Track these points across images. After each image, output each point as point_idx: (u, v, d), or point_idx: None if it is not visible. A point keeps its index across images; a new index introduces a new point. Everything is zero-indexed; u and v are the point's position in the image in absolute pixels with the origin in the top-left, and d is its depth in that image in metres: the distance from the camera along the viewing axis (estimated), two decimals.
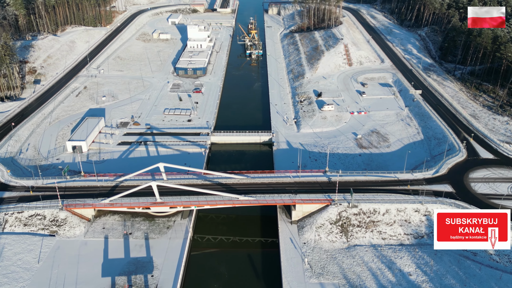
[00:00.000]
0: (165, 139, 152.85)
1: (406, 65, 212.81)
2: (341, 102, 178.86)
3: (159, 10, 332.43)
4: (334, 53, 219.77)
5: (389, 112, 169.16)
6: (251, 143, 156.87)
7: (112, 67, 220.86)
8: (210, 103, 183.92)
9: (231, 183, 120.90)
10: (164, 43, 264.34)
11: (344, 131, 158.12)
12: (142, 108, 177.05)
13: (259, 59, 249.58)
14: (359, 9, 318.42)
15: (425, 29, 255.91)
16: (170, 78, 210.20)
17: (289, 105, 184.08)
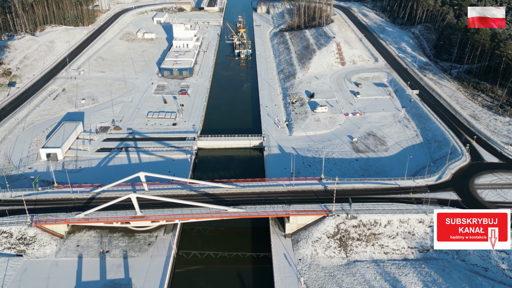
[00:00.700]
0: (148, 144, 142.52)
1: (400, 64, 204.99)
2: (335, 103, 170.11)
3: (144, 9, 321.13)
4: (326, 52, 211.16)
5: (386, 113, 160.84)
6: (240, 148, 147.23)
7: (93, 68, 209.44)
8: (196, 105, 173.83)
9: (219, 193, 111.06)
10: (149, 43, 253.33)
11: (339, 134, 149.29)
12: (124, 112, 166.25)
13: (248, 58, 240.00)
14: (350, 7, 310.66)
15: (419, 27, 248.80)
16: (155, 79, 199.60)
17: (280, 107, 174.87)
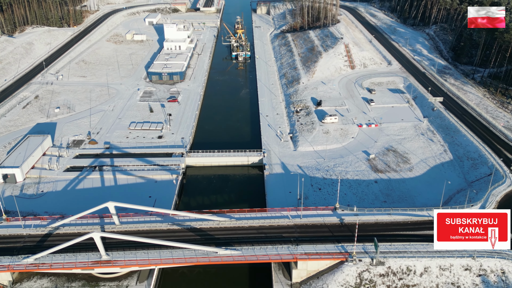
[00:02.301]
0: (127, 162, 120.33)
1: (417, 68, 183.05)
2: (346, 112, 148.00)
3: (136, 9, 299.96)
4: (333, 54, 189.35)
5: (405, 124, 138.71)
6: (236, 166, 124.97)
7: (73, 73, 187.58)
8: (187, 114, 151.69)
9: (208, 228, 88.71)
10: (138, 45, 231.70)
11: (353, 149, 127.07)
12: (103, 122, 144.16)
13: (246, 61, 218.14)
14: (356, 7, 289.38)
15: (433, 28, 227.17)
16: (142, 84, 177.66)
17: (283, 116, 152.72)
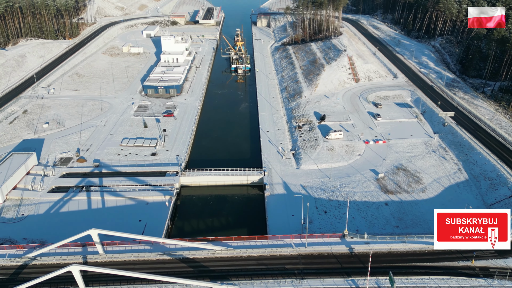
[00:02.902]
0: (117, 182, 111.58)
1: (424, 81, 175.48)
2: (351, 128, 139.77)
3: (134, 22, 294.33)
4: (336, 66, 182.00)
5: (415, 140, 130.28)
6: (235, 185, 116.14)
7: (66, 86, 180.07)
8: (183, 130, 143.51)
9: (203, 258, 79.66)
10: (135, 58, 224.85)
11: (360, 167, 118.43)
12: (94, 138, 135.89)
13: (246, 74, 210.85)
14: (358, 20, 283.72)
15: (439, 40, 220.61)
16: (137, 98, 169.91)
17: (285, 132, 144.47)
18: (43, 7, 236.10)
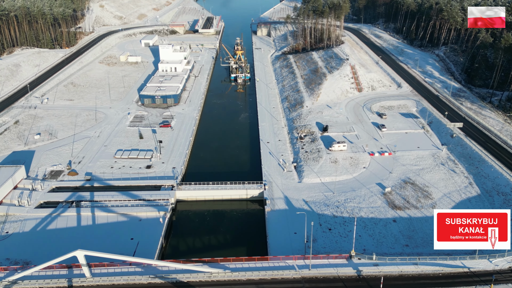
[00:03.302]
0: (108, 196, 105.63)
1: (430, 91, 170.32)
2: (355, 139, 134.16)
3: (133, 31, 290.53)
4: (338, 76, 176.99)
5: (422, 152, 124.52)
6: (234, 200, 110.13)
7: (60, 96, 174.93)
8: (180, 141, 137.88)
9: (198, 282, 73.47)
10: (132, 67, 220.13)
11: (365, 181, 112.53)
12: (87, 150, 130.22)
13: (246, 84, 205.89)
14: (360, 29, 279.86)
15: (443, 49, 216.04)
16: (133, 108, 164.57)
17: (286, 143, 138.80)
18: (40, 15, 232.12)
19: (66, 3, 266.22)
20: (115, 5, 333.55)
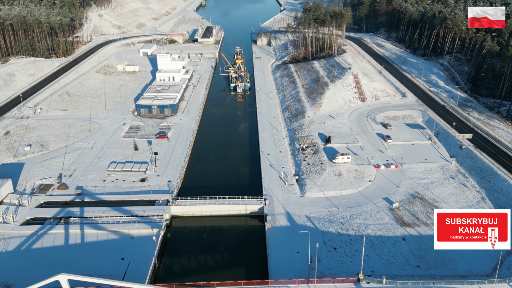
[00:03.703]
0: (99, 212, 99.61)
1: (435, 100, 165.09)
2: (359, 151, 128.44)
3: (131, 40, 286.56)
4: (341, 85, 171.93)
5: (430, 165, 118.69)
6: (232, 216, 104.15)
7: (54, 106, 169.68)
8: (177, 153, 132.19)
9: None
10: (130, 76, 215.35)
11: (371, 195, 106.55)
12: (79, 162, 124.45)
13: (246, 93, 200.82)
14: (361, 38, 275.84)
15: (447, 58, 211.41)
16: (129, 118, 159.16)
17: (287, 155, 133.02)
18: (36, 24, 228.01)
19: (63, 12, 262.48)
20: (114, 15, 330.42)
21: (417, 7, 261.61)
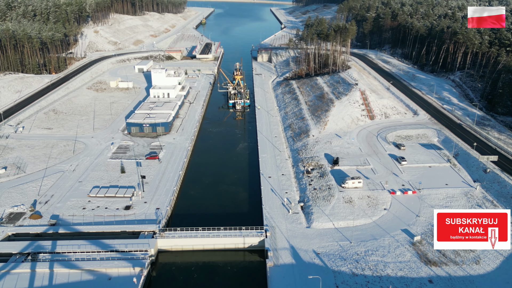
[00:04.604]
0: (74, 247, 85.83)
1: (451, 119, 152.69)
2: (371, 174, 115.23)
3: (127, 56, 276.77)
4: (347, 102, 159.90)
5: (452, 190, 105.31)
6: (228, 250, 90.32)
7: (38, 124, 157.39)
8: (168, 176, 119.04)
9: None
10: (123, 93, 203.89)
11: (387, 226, 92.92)
12: (57, 187, 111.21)
13: (245, 111, 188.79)
14: (365, 54, 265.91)
15: (458, 74, 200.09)
16: (118, 138, 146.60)
17: (291, 178, 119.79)
18: (26, 39, 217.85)
19: (57, 28, 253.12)
20: (110, 31, 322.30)
21: (423, 22, 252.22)
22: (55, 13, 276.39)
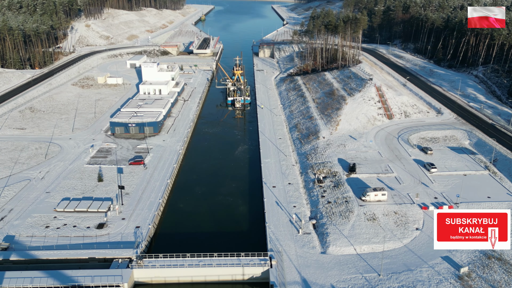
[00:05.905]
0: (25, 281, 67.02)
1: (480, 118, 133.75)
2: (395, 183, 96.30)
3: (119, 51, 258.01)
4: (361, 99, 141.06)
5: (497, 205, 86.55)
6: (224, 283, 71.49)
7: (10, 124, 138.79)
8: (153, 185, 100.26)
9: None
10: (111, 90, 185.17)
11: (423, 252, 74.02)
12: (20, 198, 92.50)
13: (246, 109, 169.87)
14: (376, 49, 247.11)
15: (481, 69, 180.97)
16: (99, 139, 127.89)
17: (299, 188, 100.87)
18: (6, 31, 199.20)
19: (43, 20, 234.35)
20: (103, 25, 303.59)
21: (438, 14, 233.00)
22: (43, 5, 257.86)
